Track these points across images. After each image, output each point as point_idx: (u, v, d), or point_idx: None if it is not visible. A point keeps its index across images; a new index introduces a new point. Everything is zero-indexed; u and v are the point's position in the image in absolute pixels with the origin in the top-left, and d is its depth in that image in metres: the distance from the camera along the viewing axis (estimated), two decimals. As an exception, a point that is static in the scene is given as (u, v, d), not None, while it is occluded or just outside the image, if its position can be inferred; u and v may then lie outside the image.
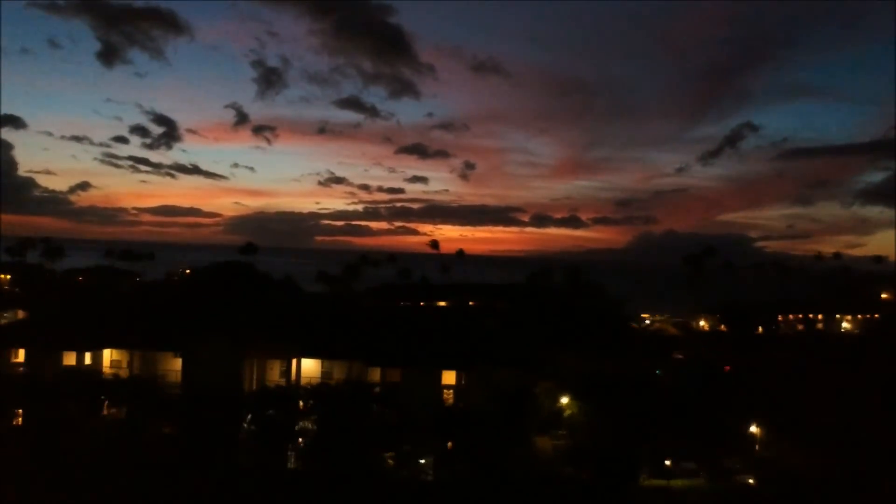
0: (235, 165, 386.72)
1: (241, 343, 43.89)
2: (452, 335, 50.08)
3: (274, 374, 45.19)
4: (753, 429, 46.39)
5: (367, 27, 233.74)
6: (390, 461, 37.44)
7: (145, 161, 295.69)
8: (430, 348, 45.53)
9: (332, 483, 34.84)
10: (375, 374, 43.49)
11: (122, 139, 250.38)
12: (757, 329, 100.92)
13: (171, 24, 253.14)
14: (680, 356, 71.20)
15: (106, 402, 39.77)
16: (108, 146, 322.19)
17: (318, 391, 38.82)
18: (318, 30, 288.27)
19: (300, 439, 37.84)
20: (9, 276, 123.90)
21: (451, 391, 42.84)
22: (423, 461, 38.45)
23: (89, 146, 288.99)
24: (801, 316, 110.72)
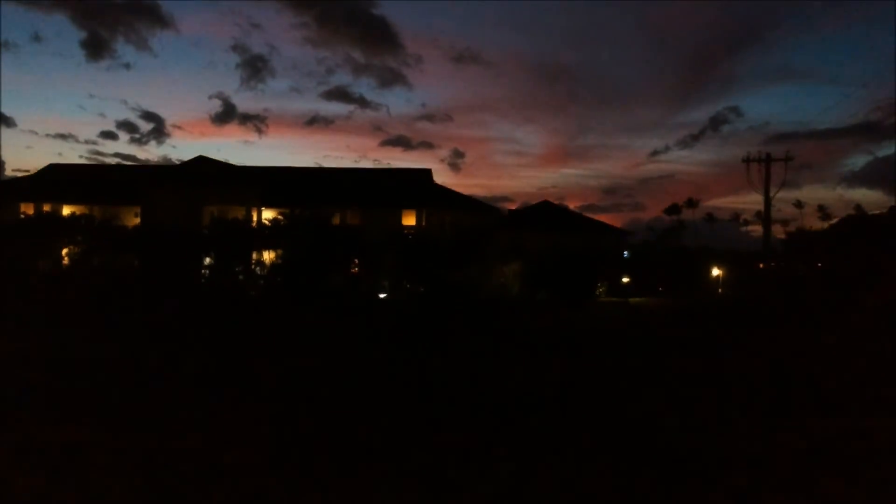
0: (225, 161, 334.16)
1: (201, 191, 43.59)
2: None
3: (235, 222, 44.95)
4: (716, 272, 47.53)
5: (351, 19, 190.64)
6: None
7: (133, 158, 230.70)
8: (391, 195, 45.59)
9: (291, 306, 34.97)
10: (336, 220, 43.47)
11: (108, 135, 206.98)
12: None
13: (155, 16, 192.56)
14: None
15: (62, 240, 39.33)
16: (94, 143, 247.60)
17: (276, 223, 38.78)
18: (300, 23, 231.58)
19: (259, 270, 37.95)
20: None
21: (412, 230, 42.99)
22: (382, 295, 38.77)
23: (75, 144, 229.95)
24: (782, 263, 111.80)
